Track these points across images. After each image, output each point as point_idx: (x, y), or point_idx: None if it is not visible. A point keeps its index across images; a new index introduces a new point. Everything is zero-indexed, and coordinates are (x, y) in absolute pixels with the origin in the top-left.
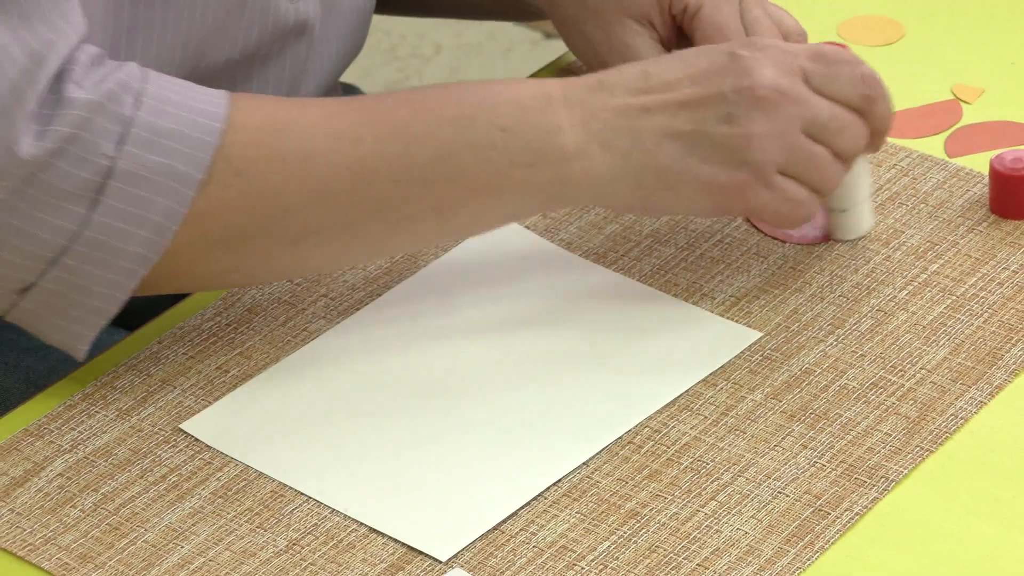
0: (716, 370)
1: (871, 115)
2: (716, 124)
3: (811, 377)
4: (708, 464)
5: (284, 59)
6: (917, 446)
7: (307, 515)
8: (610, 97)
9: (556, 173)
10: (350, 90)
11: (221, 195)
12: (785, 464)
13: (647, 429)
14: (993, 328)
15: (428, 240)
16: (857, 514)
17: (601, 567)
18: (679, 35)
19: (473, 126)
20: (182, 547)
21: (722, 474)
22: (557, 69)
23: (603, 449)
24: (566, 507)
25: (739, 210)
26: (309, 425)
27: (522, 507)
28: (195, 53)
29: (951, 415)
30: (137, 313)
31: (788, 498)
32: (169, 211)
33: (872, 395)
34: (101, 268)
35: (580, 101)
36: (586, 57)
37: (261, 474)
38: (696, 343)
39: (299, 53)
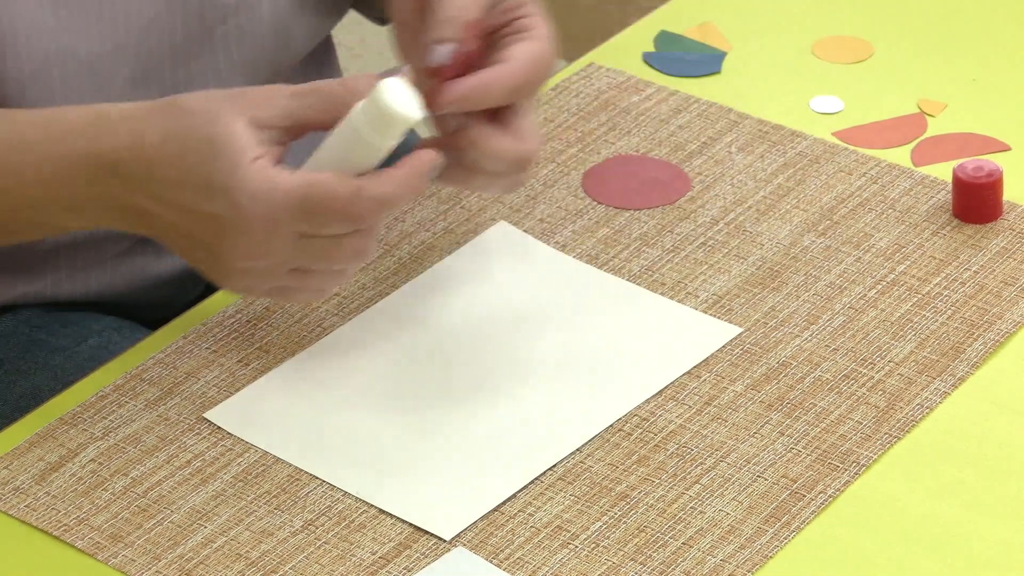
0: (700, 363)
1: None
2: (203, 254)
3: (788, 369)
4: (692, 450)
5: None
6: (886, 433)
7: (321, 497)
8: (124, 189)
9: (81, 225)
10: None
11: None
12: (764, 450)
13: (636, 418)
14: (956, 324)
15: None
16: (831, 496)
17: (593, 545)
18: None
19: (8, 195)
20: (205, 527)
21: (705, 459)
22: (550, 86)
23: (595, 436)
24: (561, 490)
25: None
26: (323, 414)
27: (520, 490)
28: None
29: (917, 405)
30: (165, 309)
31: (767, 481)
32: None
33: (844, 386)
34: None
35: (100, 184)
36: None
37: (279, 459)
38: (681, 338)
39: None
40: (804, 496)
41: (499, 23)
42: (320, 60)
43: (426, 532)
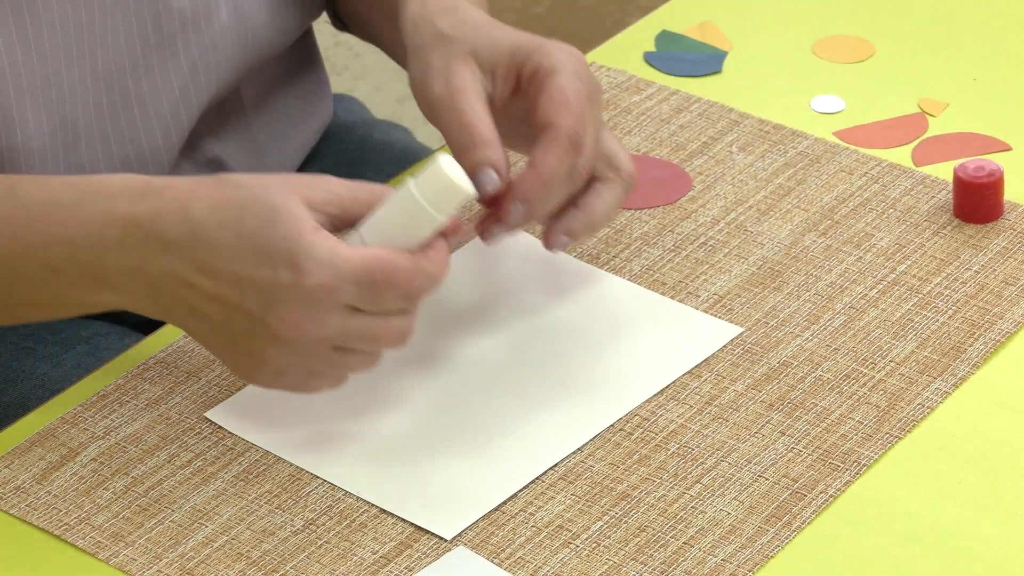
0: (700, 363)
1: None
2: (242, 329)
3: (789, 369)
4: (693, 450)
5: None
6: (887, 433)
7: (322, 497)
8: (162, 256)
9: (101, 300)
10: (352, 102)
11: None
12: (765, 450)
13: (637, 417)
14: (957, 324)
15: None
16: (831, 496)
17: (594, 545)
18: (514, 94)
19: (25, 265)
20: (206, 526)
21: (706, 459)
22: None
23: (596, 436)
24: (562, 489)
25: None
26: (324, 413)
27: (521, 489)
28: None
29: (918, 404)
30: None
31: (767, 481)
32: None
33: (845, 386)
34: None
35: (134, 249)
36: (418, 85)
37: (280, 459)
38: (682, 337)
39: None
40: (805, 496)
41: (515, 84)
42: (300, 57)
43: (427, 531)
